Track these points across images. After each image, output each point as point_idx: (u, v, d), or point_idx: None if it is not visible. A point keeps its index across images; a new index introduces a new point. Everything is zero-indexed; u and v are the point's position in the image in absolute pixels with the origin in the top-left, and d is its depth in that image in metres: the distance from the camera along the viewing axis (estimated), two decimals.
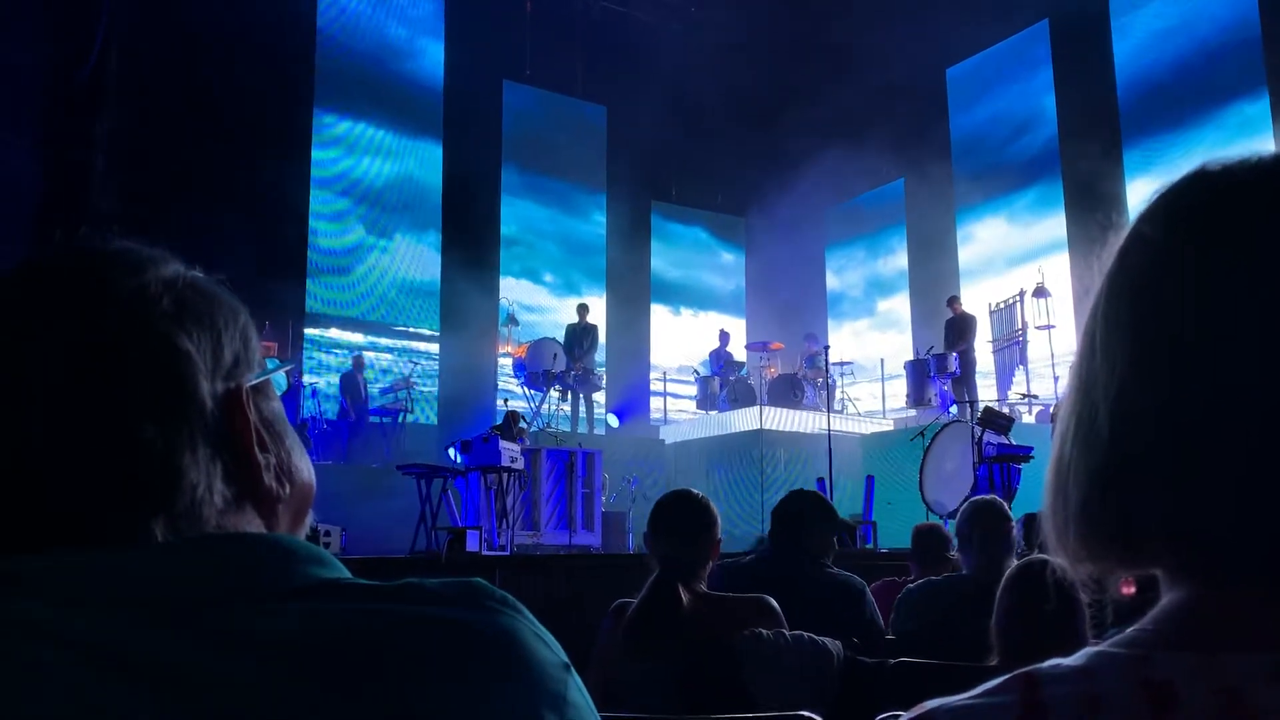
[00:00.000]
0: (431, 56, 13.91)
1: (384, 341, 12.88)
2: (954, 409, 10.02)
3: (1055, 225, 12.31)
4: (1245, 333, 0.50)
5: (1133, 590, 0.59)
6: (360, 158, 13.06)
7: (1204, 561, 0.52)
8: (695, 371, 13.56)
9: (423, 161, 13.56)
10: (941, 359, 10.76)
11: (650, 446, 11.39)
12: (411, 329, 13.15)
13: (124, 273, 0.62)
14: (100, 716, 0.50)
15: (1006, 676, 0.55)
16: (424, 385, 12.67)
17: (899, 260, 15.02)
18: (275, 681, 0.52)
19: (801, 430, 10.69)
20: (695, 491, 2.54)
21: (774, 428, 10.63)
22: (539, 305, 14.28)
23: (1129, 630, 0.54)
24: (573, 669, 0.59)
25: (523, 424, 8.97)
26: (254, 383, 0.66)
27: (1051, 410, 9.26)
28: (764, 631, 2.11)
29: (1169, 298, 0.54)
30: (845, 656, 2.11)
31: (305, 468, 0.70)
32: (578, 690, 0.59)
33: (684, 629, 2.16)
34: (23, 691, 0.50)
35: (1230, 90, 10.59)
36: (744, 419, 11.08)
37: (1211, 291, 0.52)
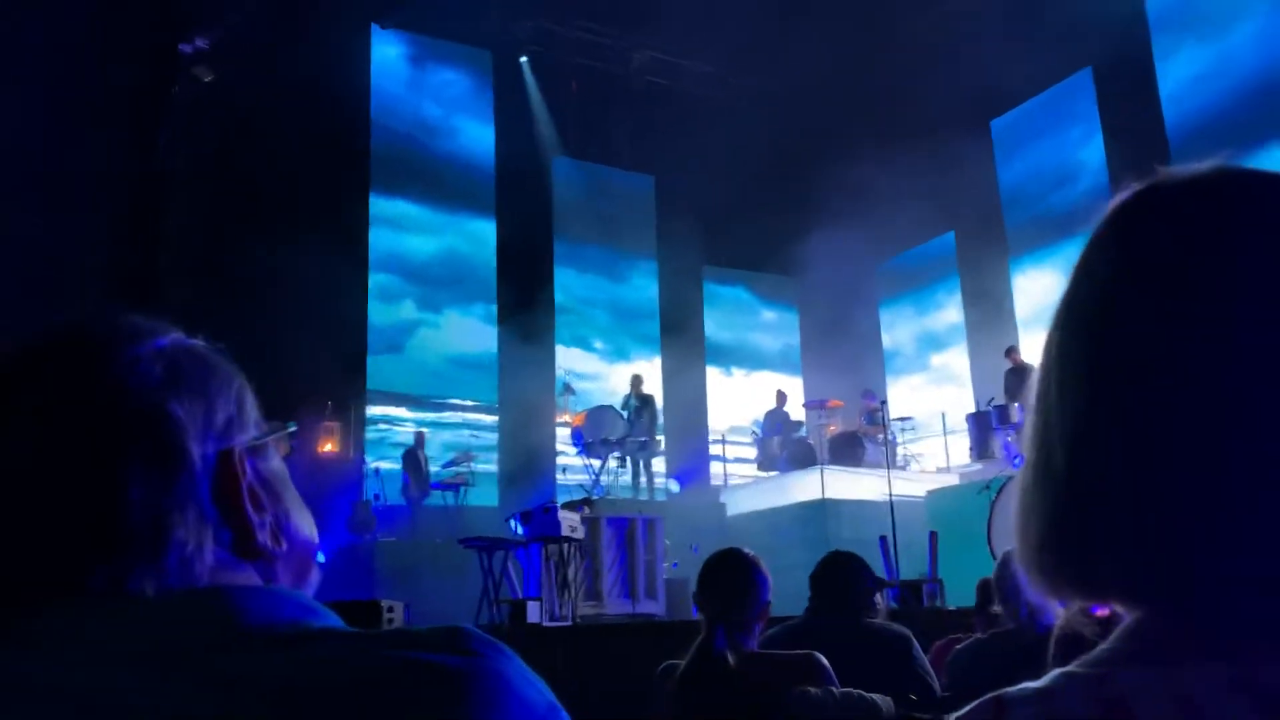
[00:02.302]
0: (483, 137, 14.31)
1: (444, 417, 13.05)
2: (1020, 461, 9.79)
3: None
4: (1194, 364, 0.50)
5: (1106, 614, 0.59)
6: (414, 236, 13.41)
7: (1160, 594, 0.52)
8: (753, 432, 13.47)
9: (475, 238, 13.88)
10: (1003, 410, 10.54)
11: (712, 512, 11.29)
12: (470, 402, 13.32)
13: (121, 342, 0.66)
14: None
15: (978, 701, 0.56)
16: (484, 458, 12.77)
17: (954, 313, 14.87)
18: None
19: (866, 498, 10.47)
20: (744, 550, 2.52)
21: (836, 496, 10.47)
22: (592, 373, 14.37)
23: (1094, 651, 0.55)
24: (561, 710, 0.60)
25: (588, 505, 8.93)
26: (248, 444, 0.69)
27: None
28: (812, 690, 2.08)
29: (1117, 330, 0.54)
30: (896, 713, 2.07)
31: (306, 527, 0.72)
32: None
33: (732, 688, 2.15)
34: None
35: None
36: (806, 487, 10.90)
37: (1156, 322, 0.52)
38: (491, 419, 13.37)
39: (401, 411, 12.81)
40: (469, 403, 13.33)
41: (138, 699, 0.54)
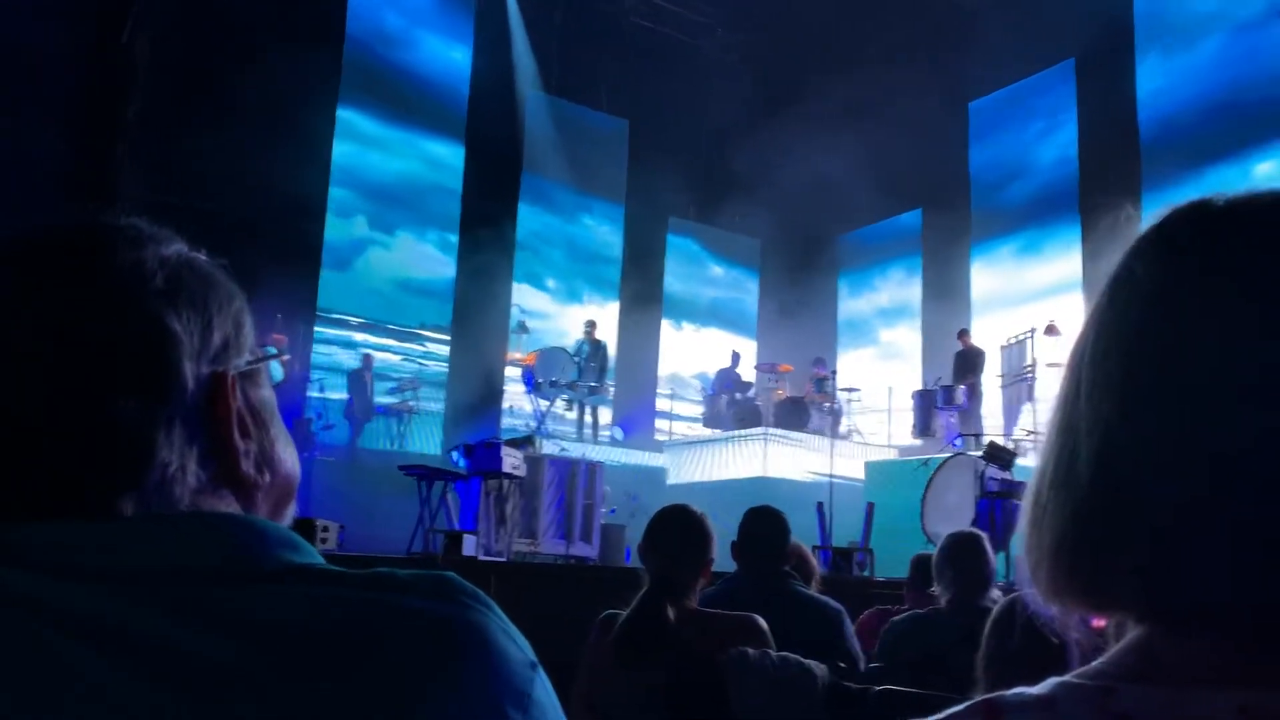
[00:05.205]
0: (459, 61, 13.99)
1: (394, 343, 12.89)
2: (959, 441, 9.99)
3: (1071, 264, 12.29)
4: (1239, 383, 0.49)
5: (1104, 625, 0.59)
6: (374, 152, 13.09)
7: (1175, 612, 0.51)
8: (703, 390, 13.54)
9: (437, 162, 13.60)
10: (949, 391, 10.74)
11: (652, 477, 11.38)
12: (422, 330, 13.17)
13: (122, 247, 0.62)
14: (74, 684, 0.51)
15: (969, 703, 0.55)
16: (431, 387, 12.68)
17: (912, 290, 15.01)
18: (242, 662, 0.52)
19: (805, 480, 10.58)
20: (693, 508, 2.53)
21: (776, 475, 10.58)
22: (541, 311, 14.28)
23: (1095, 662, 0.54)
24: (540, 668, 0.59)
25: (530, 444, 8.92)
26: (242, 369, 0.66)
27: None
28: (750, 650, 2.11)
29: (1159, 342, 0.52)
30: (830, 681, 2.10)
31: (289, 459, 0.70)
32: (544, 689, 0.59)
33: (671, 644, 2.16)
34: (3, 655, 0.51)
35: (1255, 135, 10.57)
36: (748, 457, 10.97)
37: (1205, 337, 0.51)
38: (441, 350, 13.23)
39: (352, 333, 12.60)
40: (422, 331, 13.17)
41: (116, 622, 0.52)
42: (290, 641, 0.53)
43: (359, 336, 12.58)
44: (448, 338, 13.24)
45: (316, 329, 12.20)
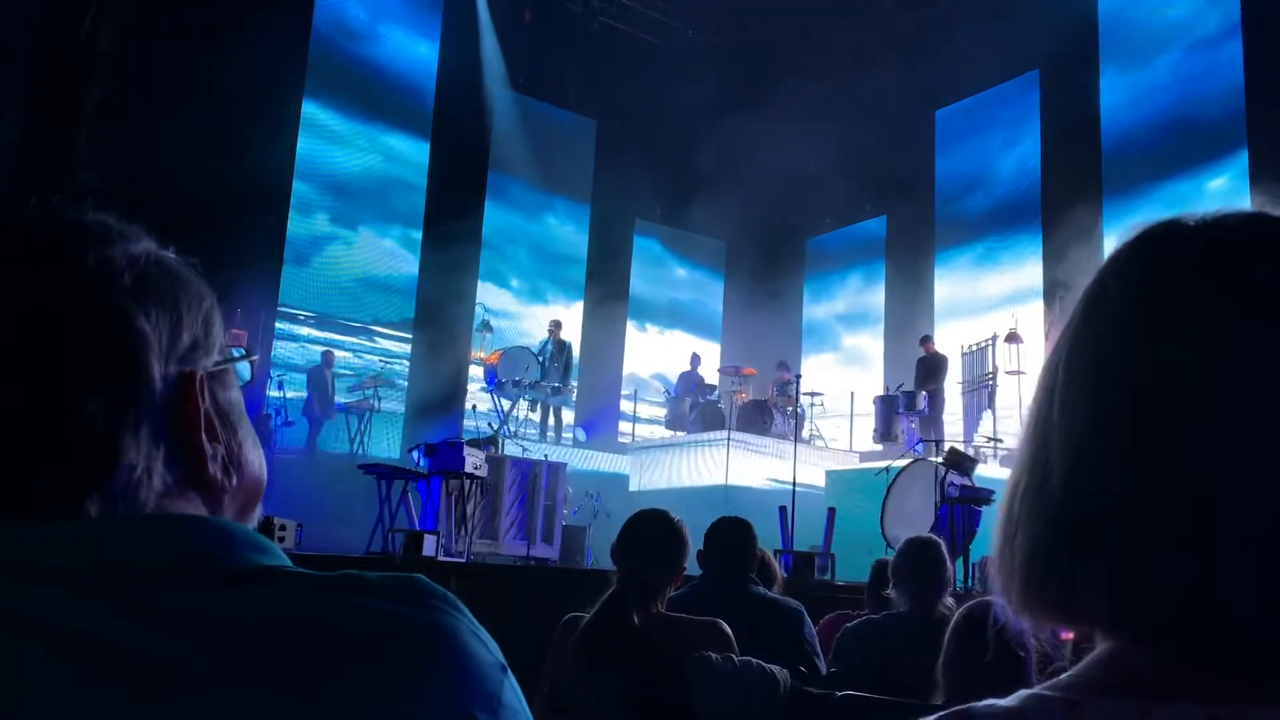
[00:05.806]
0: (426, 57, 13.89)
1: (354, 340, 12.76)
2: (920, 447, 10.08)
3: (1033, 273, 12.46)
4: (1214, 400, 0.50)
5: (1072, 637, 0.59)
6: (339, 148, 12.95)
7: (1145, 625, 0.52)
8: (666, 392, 13.56)
9: (402, 158, 13.48)
10: (910, 397, 10.83)
11: (615, 481, 11.34)
12: (384, 328, 13.05)
13: (90, 243, 0.61)
14: (29, 684, 0.50)
15: (942, 714, 0.55)
16: (393, 385, 12.58)
17: (876, 296, 15.13)
18: (210, 664, 0.51)
19: (766, 487, 10.57)
20: (672, 515, 2.54)
21: (739, 482, 10.59)
22: (504, 310, 14.21)
23: (1064, 675, 0.54)
24: (509, 671, 0.59)
25: (493, 445, 8.86)
26: (210, 370, 0.65)
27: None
28: (713, 655, 2.11)
29: (1134, 359, 0.53)
30: (791, 686, 2.11)
31: (256, 461, 0.69)
32: (513, 692, 0.59)
33: (635, 647, 2.16)
34: None
35: (1208, 151, 10.78)
36: (711, 463, 10.98)
37: (1180, 356, 0.51)
38: (403, 348, 13.11)
39: (313, 331, 12.45)
40: (384, 329, 13.05)
41: (77, 624, 0.51)
42: (255, 644, 0.53)
43: (319, 333, 12.44)
44: (409, 336, 13.13)
45: (277, 325, 12.05)
